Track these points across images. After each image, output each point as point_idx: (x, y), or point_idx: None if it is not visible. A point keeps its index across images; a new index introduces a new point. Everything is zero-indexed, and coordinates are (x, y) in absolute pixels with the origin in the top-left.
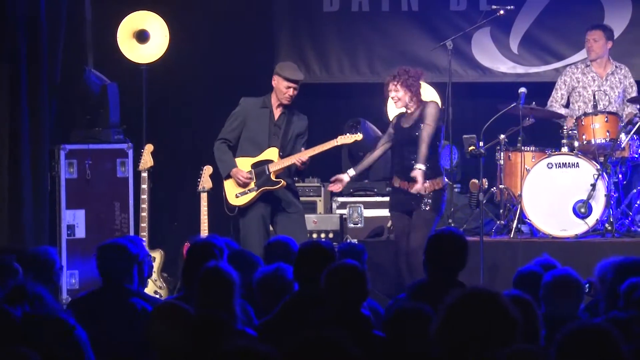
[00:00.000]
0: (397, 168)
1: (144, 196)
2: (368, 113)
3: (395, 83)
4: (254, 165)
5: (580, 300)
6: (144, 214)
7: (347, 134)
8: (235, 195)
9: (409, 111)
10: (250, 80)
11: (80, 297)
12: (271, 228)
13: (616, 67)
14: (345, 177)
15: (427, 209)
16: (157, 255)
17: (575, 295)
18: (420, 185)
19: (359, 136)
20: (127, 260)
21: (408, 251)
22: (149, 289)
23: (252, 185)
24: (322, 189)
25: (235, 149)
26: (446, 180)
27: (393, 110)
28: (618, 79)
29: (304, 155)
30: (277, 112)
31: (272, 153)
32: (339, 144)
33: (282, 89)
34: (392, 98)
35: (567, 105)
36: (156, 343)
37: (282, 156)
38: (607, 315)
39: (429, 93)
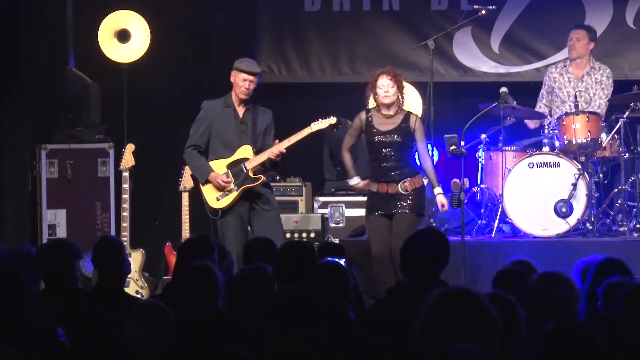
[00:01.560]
0: (375, 171)
1: (125, 196)
2: (350, 113)
3: (390, 78)
4: (230, 166)
5: (574, 301)
6: (125, 213)
7: (320, 120)
8: (216, 198)
9: (386, 112)
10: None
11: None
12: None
13: (592, 67)
14: (364, 182)
15: (408, 211)
16: (138, 255)
17: (565, 295)
18: (445, 203)
19: (332, 119)
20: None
21: (391, 258)
22: (130, 289)
23: (232, 185)
24: (304, 188)
25: (206, 153)
26: (425, 179)
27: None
28: (594, 79)
29: (279, 147)
30: (240, 110)
31: (246, 151)
32: (313, 130)
33: (239, 82)
34: (386, 91)
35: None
36: (135, 343)
37: (255, 151)
38: (588, 315)
39: (410, 93)
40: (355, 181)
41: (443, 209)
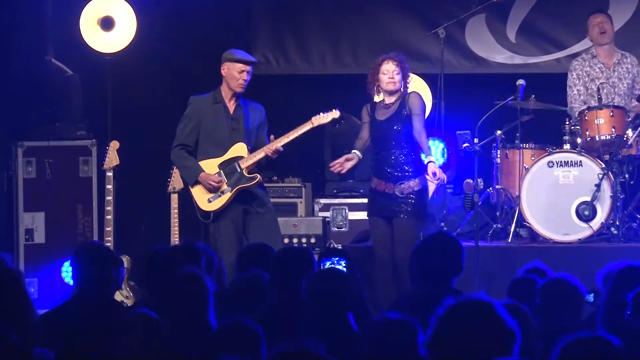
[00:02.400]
0: (376, 168)
1: (109, 197)
2: (353, 107)
3: (396, 64)
4: (222, 165)
5: (580, 309)
6: (109, 217)
7: (322, 113)
8: (207, 200)
9: (387, 101)
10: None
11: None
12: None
13: (622, 55)
14: (354, 156)
15: (407, 215)
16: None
17: (573, 303)
18: (441, 175)
19: (335, 113)
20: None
21: (394, 264)
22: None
23: (225, 186)
24: (303, 189)
25: (195, 153)
26: (428, 178)
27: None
28: (626, 68)
29: (276, 143)
30: (231, 106)
31: (240, 149)
32: (314, 125)
33: (235, 74)
34: (391, 77)
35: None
36: (127, 355)
37: (249, 149)
38: (612, 326)
39: (418, 85)
40: (353, 151)
41: (434, 178)
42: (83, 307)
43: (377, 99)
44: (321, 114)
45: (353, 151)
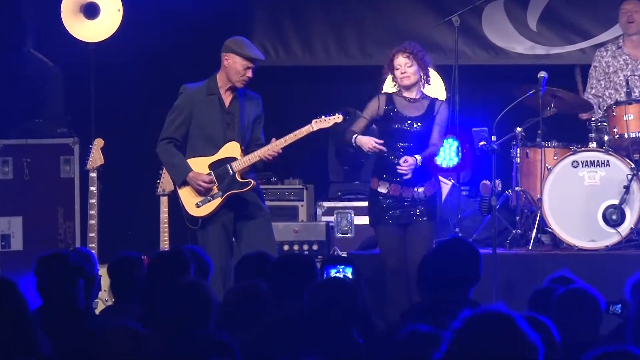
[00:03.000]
0: (387, 168)
1: (93, 200)
2: (359, 101)
3: (408, 55)
4: (212, 166)
5: (597, 323)
6: (93, 221)
7: (323, 117)
8: (195, 204)
9: (409, 95)
10: (220, 64)
11: None
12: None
13: None
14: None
15: (424, 219)
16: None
17: (589, 316)
18: (406, 168)
19: (338, 117)
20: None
21: (407, 274)
22: (98, 312)
23: (215, 190)
24: (305, 191)
25: (184, 149)
26: (442, 180)
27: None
28: None
29: (274, 146)
30: (226, 98)
31: (233, 149)
32: (314, 129)
33: (239, 68)
34: (403, 72)
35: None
36: None
37: (244, 149)
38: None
39: (431, 78)
40: (354, 137)
41: (405, 164)
42: (47, 320)
43: (389, 89)
44: (323, 117)
45: (354, 136)
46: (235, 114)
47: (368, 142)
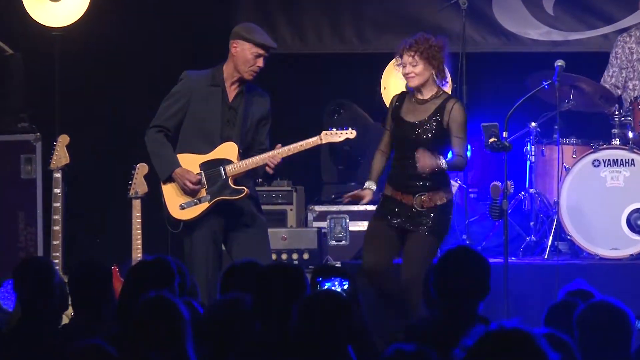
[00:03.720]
0: (395, 174)
1: (57, 204)
2: (354, 92)
3: (413, 53)
4: (204, 166)
5: (627, 341)
6: (57, 227)
7: (335, 130)
8: (179, 205)
9: (419, 96)
10: (201, 53)
11: None
12: (223, 248)
13: None
14: (369, 193)
15: (426, 231)
16: None
17: (618, 334)
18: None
19: (351, 133)
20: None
21: (402, 285)
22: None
23: (203, 193)
24: (295, 194)
25: (175, 141)
26: (454, 190)
27: (392, 90)
28: None
29: (276, 156)
30: (231, 92)
31: (229, 150)
32: (323, 142)
33: (250, 58)
34: (407, 74)
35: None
36: None
37: (242, 150)
38: None
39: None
40: (366, 186)
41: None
42: (29, 336)
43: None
44: (335, 130)
45: (367, 184)
46: (238, 110)
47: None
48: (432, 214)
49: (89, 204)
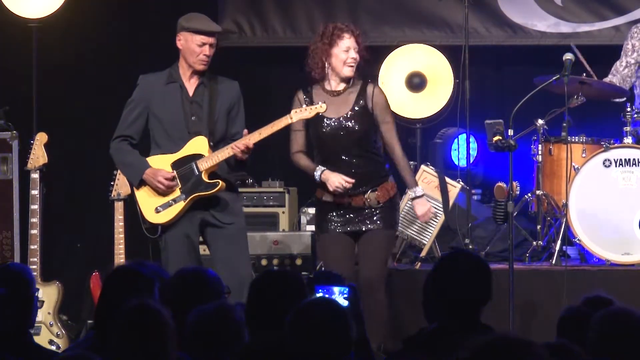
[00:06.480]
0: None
1: (35, 206)
2: None
3: (356, 37)
4: (175, 165)
5: None
6: (35, 231)
7: (304, 106)
8: (155, 209)
9: (329, 87)
10: None
11: None
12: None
13: None
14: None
15: (381, 226)
16: (52, 290)
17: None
18: (428, 212)
19: (321, 107)
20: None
21: (367, 286)
22: (42, 338)
23: (178, 192)
24: (287, 195)
25: (147, 147)
26: (449, 182)
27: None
28: None
29: (246, 140)
30: (191, 86)
31: (199, 144)
32: (294, 120)
33: (194, 47)
34: (352, 58)
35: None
36: None
37: (213, 144)
38: None
39: (434, 62)
40: (319, 171)
41: (423, 219)
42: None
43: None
44: (304, 106)
45: (318, 170)
46: (202, 104)
47: (334, 183)
48: (385, 207)
49: (68, 206)
